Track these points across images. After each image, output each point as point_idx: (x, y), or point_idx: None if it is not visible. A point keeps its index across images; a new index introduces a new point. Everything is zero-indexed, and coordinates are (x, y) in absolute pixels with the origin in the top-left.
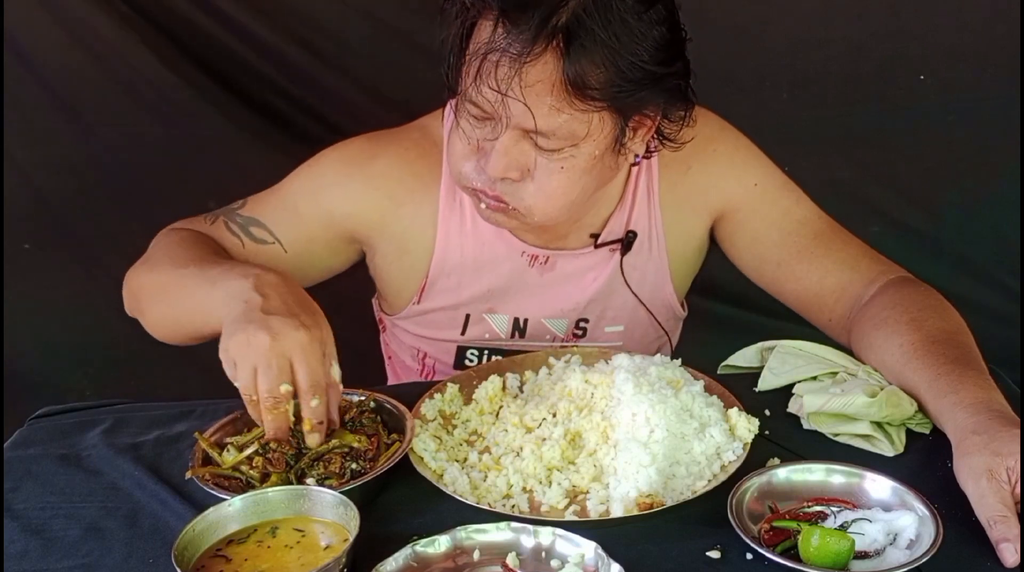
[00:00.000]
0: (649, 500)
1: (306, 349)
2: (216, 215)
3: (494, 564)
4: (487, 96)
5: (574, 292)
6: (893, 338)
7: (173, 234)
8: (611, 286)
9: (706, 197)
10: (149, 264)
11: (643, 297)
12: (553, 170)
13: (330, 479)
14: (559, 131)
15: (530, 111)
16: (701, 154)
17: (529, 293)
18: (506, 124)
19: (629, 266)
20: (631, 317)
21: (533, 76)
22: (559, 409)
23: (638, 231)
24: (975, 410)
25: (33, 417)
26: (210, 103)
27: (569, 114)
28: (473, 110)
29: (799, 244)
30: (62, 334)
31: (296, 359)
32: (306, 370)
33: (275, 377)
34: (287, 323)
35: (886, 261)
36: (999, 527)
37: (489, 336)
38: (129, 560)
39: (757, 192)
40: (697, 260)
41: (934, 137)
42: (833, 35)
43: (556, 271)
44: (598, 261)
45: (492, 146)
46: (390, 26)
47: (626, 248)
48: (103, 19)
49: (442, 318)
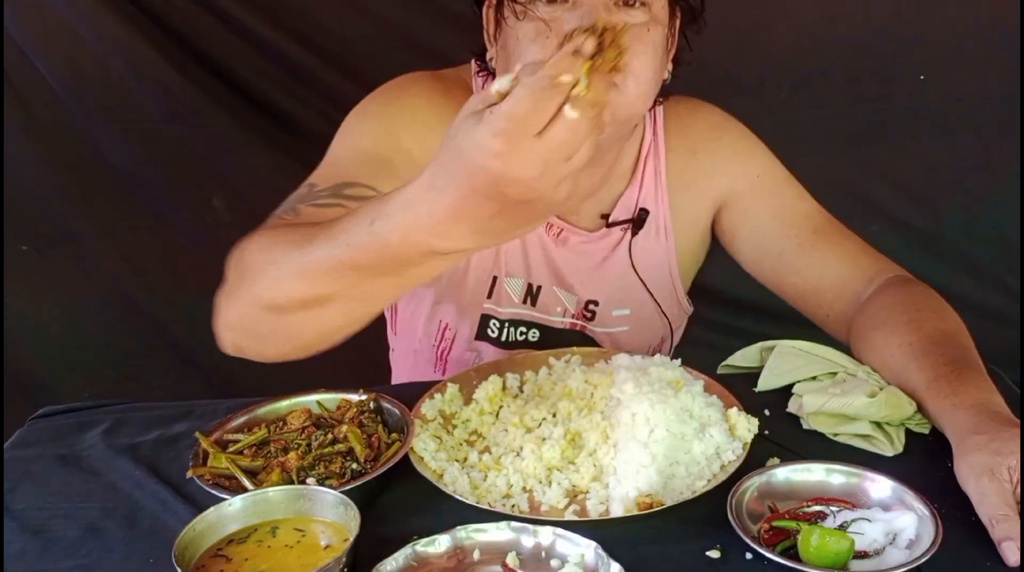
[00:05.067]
0: (649, 500)
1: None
2: (292, 209)
3: (494, 564)
4: None
5: (583, 267)
6: (892, 339)
7: (264, 238)
8: (619, 267)
9: (710, 182)
10: (253, 281)
11: (648, 280)
12: (641, 35)
13: (330, 479)
14: None
15: None
16: (707, 140)
17: (543, 260)
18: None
19: (637, 248)
20: (637, 300)
21: None
22: (559, 409)
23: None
24: (975, 411)
25: (33, 417)
26: (214, 102)
27: None
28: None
29: (800, 237)
30: (62, 335)
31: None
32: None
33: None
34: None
35: (886, 259)
36: (1001, 526)
37: (507, 302)
38: (129, 560)
39: (760, 182)
40: (700, 250)
41: (934, 137)
42: (834, 35)
43: (568, 246)
44: (609, 241)
45: (579, 18)
46: (392, 25)
47: (637, 227)
48: (108, 18)
49: (468, 280)
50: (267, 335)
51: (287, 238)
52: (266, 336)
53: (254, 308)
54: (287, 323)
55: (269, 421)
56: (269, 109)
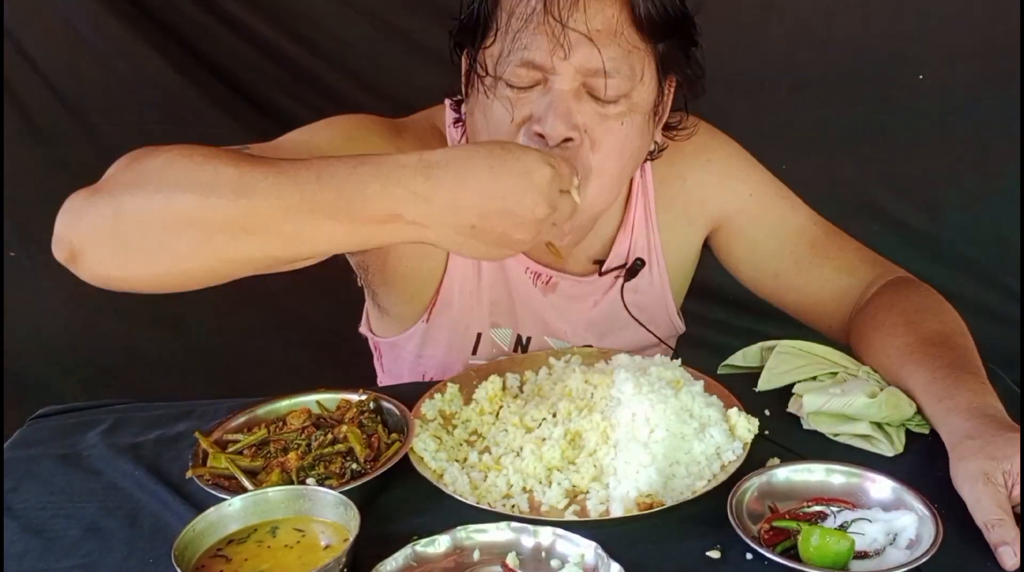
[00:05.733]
0: (649, 500)
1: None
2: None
3: (494, 564)
4: (540, 45)
5: (575, 315)
6: (890, 340)
7: (188, 149)
8: (612, 311)
9: (702, 208)
10: (186, 181)
11: (644, 320)
12: (613, 128)
13: (330, 479)
14: (621, 69)
15: (595, 45)
16: (694, 164)
17: (531, 311)
18: (562, 70)
19: (629, 290)
20: (632, 340)
21: (595, 7)
22: (559, 409)
23: (640, 256)
24: (970, 415)
25: (33, 417)
26: (214, 102)
27: (628, 49)
28: (518, 73)
29: (796, 254)
30: (62, 335)
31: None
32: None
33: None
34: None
35: (885, 262)
36: (997, 530)
37: (496, 352)
38: (129, 560)
39: (752, 202)
40: (692, 270)
41: (934, 137)
42: (833, 35)
43: (558, 293)
44: (600, 287)
45: (546, 107)
46: (391, 26)
47: (630, 275)
48: (108, 19)
49: (451, 337)
50: (142, 249)
51: (229, 156)
52: (140, 249)
53: (144, 213)
54: (181, 241)
55: (269, 421)
56: (269, 109)
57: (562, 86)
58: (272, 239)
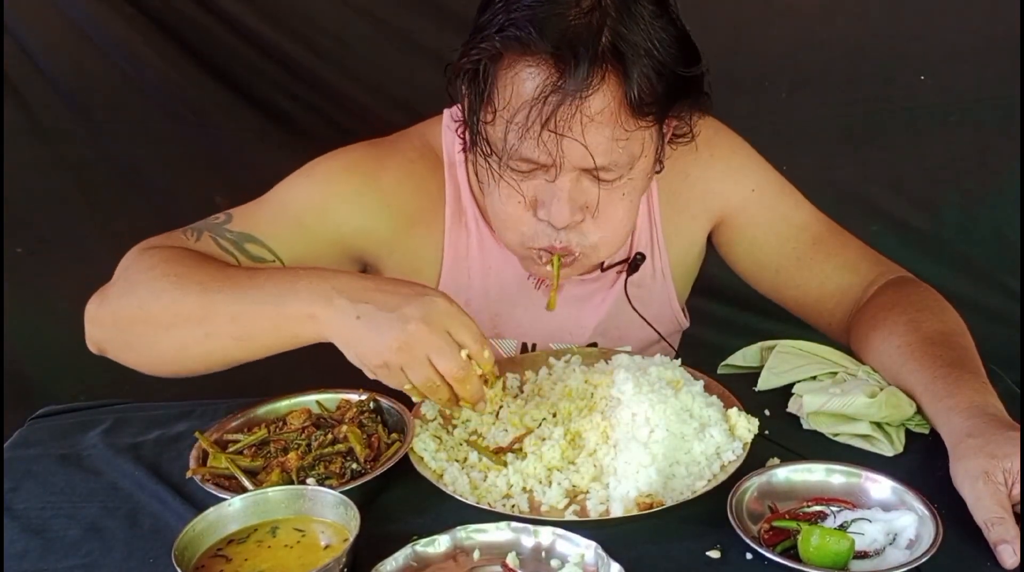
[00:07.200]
0: (649, 500)
1: (452, 312)
2: (199, 230)
3: (494, 564)
4: (545, 144)
5: (581, 316)
6: (890, 339)
7: (155, 254)
8: (617, 308)
9: (705, 203)
10: (135, 289)
11: (648, 316)
12: (615, 200)
13: (330, 479)
14: (620, 160)
15: (588, 152)
16: (698, 159)
17: (536, 317)
18: (562, 166)
19: (633, 286)
20: (638, 336)
21: (595, 107)
22: (559, 409)
23: (641, 251)
24: (970, 414)
25: (34, 417)
26: (215, 102)
27: (627, 138)
28: (522, 166)
29: (798, 250)
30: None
31: (452, 325)
32: (465, 329)
33: (452, 352)
34: (419, 302)
35: (886, 261)
36: (997, 529)
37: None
38: (129, 560)
39: (755, 197)
40: (696, 265)
41: (934, 137)
42: (833, 35)
43: (562, 295)
44: (604, 284)
45: (551, 195)
46: (391, 26)
47: (632, 269)
48: (109, 19)
49: None
50: (132, 344)
51: (193, 261)
52: (131, 345)
53: (133, 311)
54: (156, 337)
55: (269, 421)
56: (269, 109)
57: (564, 183)
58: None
